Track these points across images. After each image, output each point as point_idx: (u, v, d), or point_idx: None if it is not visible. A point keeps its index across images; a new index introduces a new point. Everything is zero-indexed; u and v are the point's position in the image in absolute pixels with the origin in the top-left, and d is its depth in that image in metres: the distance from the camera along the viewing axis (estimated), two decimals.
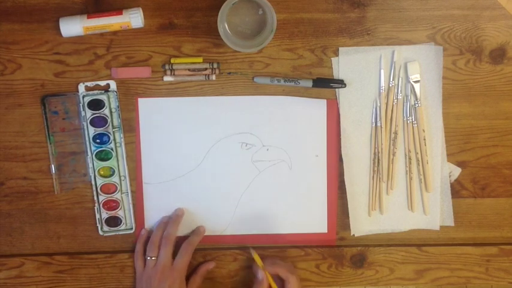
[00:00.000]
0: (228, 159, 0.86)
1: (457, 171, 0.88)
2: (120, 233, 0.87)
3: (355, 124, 0.86)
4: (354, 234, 0.88)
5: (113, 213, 0.87)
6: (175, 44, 0.84)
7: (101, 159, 0.85)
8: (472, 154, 0.87)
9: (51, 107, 0.84)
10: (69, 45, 0.83)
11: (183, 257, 0.83)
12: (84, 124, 0.84)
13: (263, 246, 0.88)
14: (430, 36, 0.85)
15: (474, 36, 0.85)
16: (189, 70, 0.84)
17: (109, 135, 0.85)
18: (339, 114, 0.86)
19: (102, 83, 0.84)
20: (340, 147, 0.86)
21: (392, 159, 0.86)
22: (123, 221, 0.87)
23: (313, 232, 0.89)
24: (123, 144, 0.85)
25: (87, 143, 0.85)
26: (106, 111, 0.84)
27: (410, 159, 0.86)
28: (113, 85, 0.84)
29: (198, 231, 0.87)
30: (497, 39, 0.85)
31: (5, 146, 0.85)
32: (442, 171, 0.87)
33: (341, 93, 0.85)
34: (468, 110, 0.86)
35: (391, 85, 0.85)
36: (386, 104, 0.85)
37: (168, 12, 0.83)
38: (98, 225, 0.87)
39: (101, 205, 0.86)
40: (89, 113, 0.84)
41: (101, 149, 0.85)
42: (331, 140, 0.86)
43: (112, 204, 0.87)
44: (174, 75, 0.84)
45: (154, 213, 0.87)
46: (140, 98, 0.85)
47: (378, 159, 0.86)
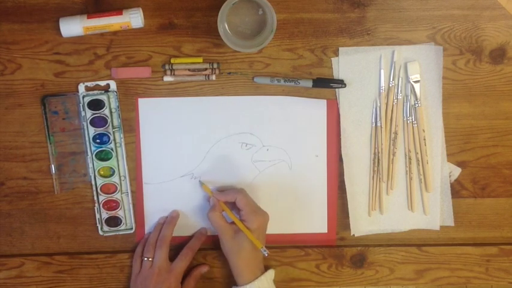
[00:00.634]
0: (228, 159, 0.86)
1: (457, 171, 0.88)
2: (120, 233, 0.87)
3: (355, 124, 0.86)
4: (354, 234, 0.88)
5: (113, 213, 0.87)
6: (175, 44, 0.84)
7: (101, 159, 0.85)
8: (472, 154, 0.87)
9: (51, 107, 0.84)
10: (69, 45, 0.83)
11: (182, 261, 0.83)
12: (84, 124, 0.84)
13: None
14: (430, 36, 0.85)
15: (474, 36, 0.85)
16: (189, 70, 0.84)
17: (109, 135, 0.85)
18: (339, 114, 0.86)
19: (102, 83, 0.84)
20: (340, 147, 0.86)
21: (392, 159, 0.86)
22: (123, 221, 0.87)
23: (313, 232, 0.89)
24: (123, 144, 0.85)
25: (87, 143, 0.85)
26: (106, 111, 0.84)
27: (410, 159, 0.86)
28: (113, 85, 0.84)
29: (199, 235, 0.87)
30: (497, 39, 0.85)
31: (5, 146, 0.85)
32: (442, 171, 0.87)
33: (341, 93, 0.85)
34: (468, 110, 0.86)
35: (391, 85, 0.85)
36: (386, 104, 0.85)
37: (168, 12, 0.83)
38: (98, 225, 0.87)
39: (101, 205, 0.86)
40: (89, 113, 0.84)
41: (101, 149, 0.85)
42: (331, 140, 0.86)
43: (112, 204, 0.87)
44: (174, 75, 0.84)
45: (154, 213, 0.87)
46: (140, 98, 0.85)
47: (378, 159, 0.86)
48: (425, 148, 0.86)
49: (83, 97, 0.84)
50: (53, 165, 0.85)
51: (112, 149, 0.85)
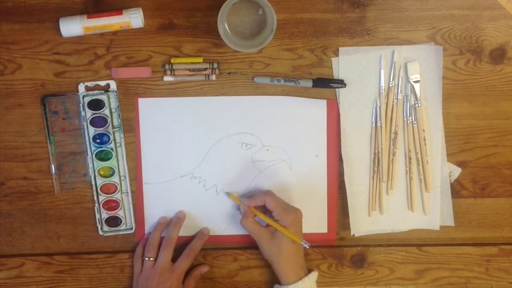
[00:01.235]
0: (228, 159, 0.86)
1: (457, 171, 0.88)
2: (120, 233, 0.87)
3: (355, 124, 0.86)
4: (354, 234, 0.88)
5: (113, 213, 0.87)
6: (175, 44, 0.84)
7: (101, 159, 0.85)
8: (472, 154, 0.87)
9: (51, 107, 0.84)
10: (69, 45, 0.83)
11: (184, 261, 0.83)
12: (84, 124, 0.84)
13: None
14: (430, 36, 0.85)
15: (474, 36, 0.85)
16: (189, 70, 0.84)
17: (109, 135, 0.85)
18: (339, 114, 0.86)
19: (102, 83, 0.84)
20: (340, 147, 0.86)
21: (392, 159, 0.86)
22: (123, 221, 0.87)
23: (313, 232, 0.88)
24: (123, 144, 0.85)
25: (87, 143, 0.85)
26: (106, 111, 0.84)
27: (410, 159, 0.86)
28: (113, 85, 0.84)
29: (201, 235, 0.87)
30: (497, 39, 0.85)
31: (5, 146, 0.85)
32: (442, 171, 0.87)
33: (341, 93, 0.85)
34: (468, 110, 0.86)
35: (391, 85, 0.85)
36: (386, 104, 0.85)
37: (168, 12, 0.83)
38: (98, 225, 0.87)
39: (101, 205, 0.86)
40: (89, 113, 0.84)
41: (101, 149, 0.85)
42: (331, 140, 0.86)
43: (112, 204, 0.87)
44: (174, 75, 0.84)
45: (154, 213, 0.87)
46: (140, 98, 0.85)
47: (378, 159, 0.86)
48: (425, 148, 0.86)
49: (83, 97, 0.84)
50: (53, 165, 0.85)
51: (112, 149, 0.85)
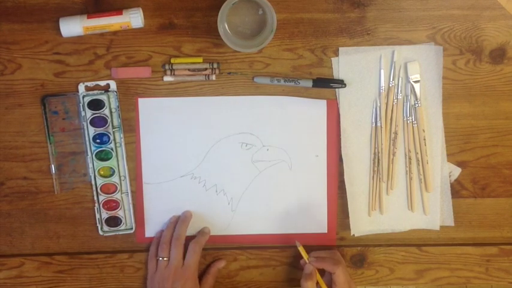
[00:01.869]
0: (228, 159, 0.86)
1: (457, 171, 0.88)
2: (120, 233, 0.87)
3: (355, 124, 0.86)
4: (354, 234, 0.88)
5: (113, 213, 0.87)
6: (175, 44, 0.84)
7: (101, 159, 0.85)
8: (472, 154, 0.87)
9: (51, 107, 0.84)
10: (69, 45, 0.83)
11: (192, 256, 0.84)
12: (84, 124, 0.84)
13: (263, 246, 0.88)
14: (430, 36, 0.85)
15: (474, 36, 0.85)
16: (189, 70, 0.84)
17: (109, 135, 0.85)
18: (339, 114, 0.86)
19: (102, 83, 0.84)
20: (340, 147, 0.86)
21: (392, 159, 0.86)
22: (123, 221, 0.87)
23: (313, 232, 0.88)
24: (123, 144, 0.85)
25: (87, 143, 0.85)
26: (106, 111, 0.84)
27: (410, 159, 0.86)
28: (113, 85, 0.84)
29: (203, 232, 0.87)
30: (497, 39, 0.85)
31: (5, 146, 0.85)
32: (442, 171, 0.87)
33: (341, 93, 0.85)
34: (468, 110, 0.86)
35: (391, 85, 0.85)
36: (386, 104, 0.85)
37: (168, 12, 0.83)
38: (98, 225, 0.87)
39: (101, 205, 0.86)
40: (89, 113, 0.84)
41: (101, 149, 0.85)
42: (331, 140, 0.86)
43: (112, 204, 0.87)
44: (174, 75, 0.84)
45: (154, 213, 0.87)
46: (140, 98, 0.85)
47: (378, 159, 0.86)
48: (425, 148, 0.86)
49: (83, 97, 0.84)
50: (53, 165, 0.85)
51: (112, 149, 0.85)
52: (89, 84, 0.84)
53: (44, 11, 0.82)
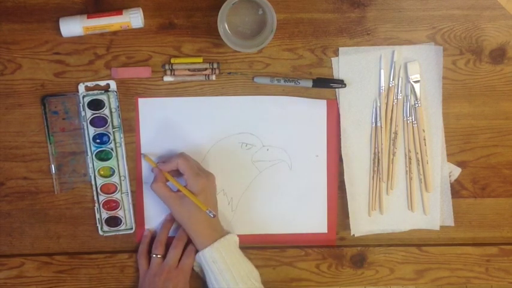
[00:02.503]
0: (228, 159, 0.86)
1: (457, 171, 0.88)
2: (120, 233, 0.87)
3: (355, 124, 0.86)
4: (354, 234, 0.88)
5: (113, 213, 0.87)
6: (175, 44, 0.84)
7: (101, 159, 0.85)
8: (472, 154, 0.87)
9: (51, 107, 0.84)
10: (69, 45, 0.83)
11: (189, 258, 0.83)
12: (84, 124, 0.84)
13: (263, 246, 0.88)
14: (430, 36, 0.85)
15: (474, 36, 0.85)
16: (189, 70, 0.84)
17: (109, 135, 0.85)
18: (339, 114, 0.86)
19: (102, 83, 0.84)
20: (340, 147, 0.86)
21: (392, 159, 0.86)
22: (123, 221, 0.87)
23: (313, 232, 0.88)
24: (123, 144, 0.85)
25: (87, 143, 0.85)
26: (106, 111, 0.84)
27: (410, 159, 0.86)
28: (113, 85, 0.84)
29: None
30: (497, 39, 0.85)
31: (5, 146, 0.85)
32: (442, 171, 0.87)
33: (341, 93, 0.85)
34: (468, 110, 0.86)
35: (391, 85, 0.85)
36: (386, 104, 0.85)
37: (168, 12, 0.83)
38: (98, 225, 0.87)
39: (101, 205, 0.86)
40: (89, 113, 0.84)
41: (101, 149, 0.85)
42: (331, 140, 0.86)
43: (112, 204, 0.87)
44: (174, 75, 0.84)
45: (154, 213, 0.87)
46: (140, 98, 0.85)
47: (378, 159, 0.86)
48: (425, 148, 0.86)
49: (83, 97, 0.84)
50: (53, 165, 0.85)
51: (112, 149, 0.85)
52: (89, 84, 0.84)
53: (44, 11, 0.82)
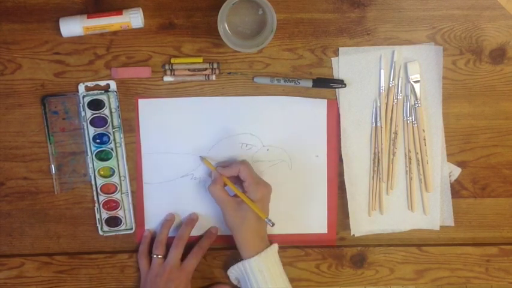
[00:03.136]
0: (228, 159, 0.86)
1: (457, 171, 0.88)
2: (120, 233, 0.87)
3: (355, 124, 0.86)
4: (354, 234, 0.88)
5: (113, 213, 0.87)
6: (175, 44, 0.84)
7: (101, 159, 0.85)
8: (472, 154, 0.87)
9: (51, 107, 0.84)
10: (69, 45, 0.83)
11: (193, 260, 0.84)
12: (84, 124, 0.84)
13: None
14: (430, 36, 0.85)
15: (474, 36, 0.85)
16: (189, 70, 0.84)
17: (109, 135, 0.85)
18: (339, 114, 0.86)
19: (102, 83, 0.84)
20: (340, 147, 0.86)
21: (392, 159, 0.86)
22: (123, 221, 0.87)
23: (313, 232, 0.89)
24: (123, 144, 0.85)
25: (87, 143, 0.85)
26: (106, 111, 0.84)
27: (410, 159, 0.86)
28: (112, 85, 0.84)
29: (209, 234, 0.87)
30: (497, 39, 0.85)
31: (5, 146, 0.85)
32: (442, 171, 0.87)
33: (341, 93, 0.85)
34: (468, 110, 0.86)
35: (391, 85, 0.85)
36: (386, 104, 0.85)
37: (168, 12, 0.83)
38: (98, 225, 0.87)
39: (101, 205, 0.86)
40: (89, 113, 0.84)
41: (101, 149, 0.85)
42: (331, 140, 0.86)
43: (112, 204, 0.87)
44: (174, 75, 0.84)
45: (154, 213, 0.87)
46: (140, 98, 0.85)
47: (378, 159, 0.86)
48: (425, 148, 0.86)
49: (83, 97, 0.84)
50: (53, 165, 0.85)
51: (112, 149, 0.85)
52: (89, 84, 0.84)
53: (44, 11, 0.82)
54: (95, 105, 0.84)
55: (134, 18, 0.80)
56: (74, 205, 0.87)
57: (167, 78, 0.84)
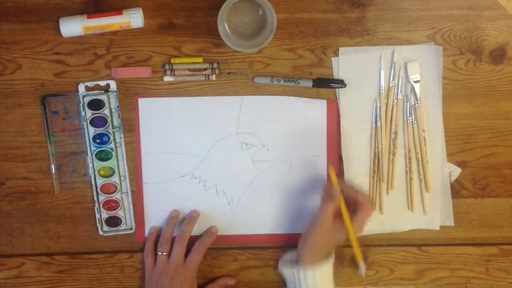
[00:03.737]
0: (228, 159, 0.86)
1: (457, 171, 0.88)
2: (120, 233, 0.87)
3: (355, 124, 0.86)
4: None
5: (113, 213, 0.87)
6: (175, 44, 0.84)
7: (101, 159, 0.85)
8: (472, 154, 0.87)
9: (51, 107, 0.84)
10: (69, 45, 0.83)
11: (196, 255, 0.84)
12: (84, 124, 0.84)
13: (263, 246, 0.88)
14: (430, 36, 0.85)
15: (474, 36, 0.85)
16: (189, 70, 0.84)
17: (109, 135, 0.85)
18: (339, 114, 0.86)
19: (102, 83, 0.84)
20: (340, 147, 0.86)
21: (392, 159, 0.86)
22: (123, 221, 0.87)
23: None
24: (123, 144, 0.85)
25: (87, 143, 0.85)
26: (106, 111, 0.84)
27: (410, 159, 0.86)
28: (113, 85, 0.84)
29: (210, 231, 0.87)
30: (497, 39, 0.85)
31: (5, 146, 0.85)
32: (442, 171, 0.87)
33: (341, 93, 0.85)
34: (468, 110, 0.86)
35: (391, 85, 0.85)
36: (386, 104, 0.85)
37: (168, 12, 0.83)
38: (98, 225, 0.87)
39: (101, 205, 0.86)
40: (89, 113, 0.84)
41: (101, 149, 0.85)
42: (331, 140, 0.86)
43: (112, 204, 0.87)
44: (174, 75, 0.84)
45: (154, 213, 0.87)
46: (140, 98, 0.85)
47: (378, 159, 0.86)
48: (425, 148, 0.86)
49: (83, 97, 0.84)
50: (53, 165, 0.85)
51: (112, 149, 0.85)
52: (89, 84, 0.84)
53: (44, 11, 0.82)
54: (95, 105, 0.84)
55: (134, 18, 0.80)
56: (74, 205, 0.87)
57: (167, 78, 0.84)
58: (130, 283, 0.88)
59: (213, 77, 0.84)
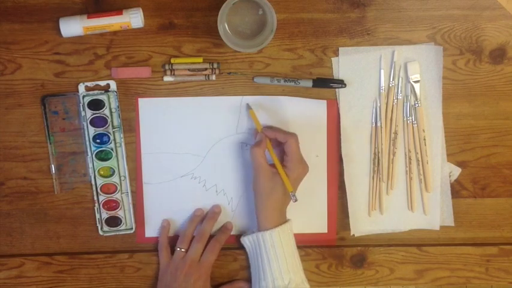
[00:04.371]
0: (228, 159, 0.86)
1: (457, 171, 0.88)
2: (120, 233, 0.87)
3: (355, 124, 0.86)
4: (354, 234, 0.88)
5: (113, 213, 0.87)
6: (175, 44, 0.84)
7: (101, 159, 0.85)
8: (472, 154, 0.87)
9: (51, 107, 0.84)
10: (69, 45, 0.83)
11: (211, 254, 0.84)
12: (84, 124, 0.84)
13: None
14: (430, 36, 0.85)
15: (474, 36, 0.85)
16: (189, 70, 0.84)
17: (109, 135, 0.85)
18: (339, 114, 0.86)
19: (102, 83, 0.84)
20: (340, 147, 0.86)
21: (393, 159, 0.86)
22: (123, 221, 0.87)
23: (313, 232, 0.88)
24: (123, 144, 0.85)
25: (87, 143, 0.85)
26: (106, 111, 0.84)
27: (410, 159, 0.86)
28: (113, 85, 0.84)
29: (225, 229, 0.87)
30: (497, 39, 0.85)
31: (5, 146, 0.85)
32: (442, 171, 0.87)
33: (341, 93, 0.85)
34: (468, 110, 0.86)
35: (391, 85, 0.85)
36: (386, 104, 0.85)
37: (168, 12, 0.83)
38: (98, 225, 0.87)
39: (101, 205, 0.86)
40: (89, 113, 0.84)
41: (101, 149, 0.85)
42: (331, 140, 0.86)
43: (112, 204, 0.87)
44: (174, 75, 0.84)
45: (154, 213, 0.87)
46: (140, 98, 0.85)
47: (378, 159, 0.86)
48: (425, 148, 0.86)
49: (83, 97, 0.84)
50: (53, 165, 0.85)
51: (112, 149, 0.85)
52: (89, 84, 0.84)
53: (44, 11, 0.82)
54: (95, 105, 0.84)
55: (134, 18, 0.80)
56: (74, 205, 0.87)
57: (167, 78, 0.84)
58: (130, 283, 0.88)
59: (213, 77, 0.84)
